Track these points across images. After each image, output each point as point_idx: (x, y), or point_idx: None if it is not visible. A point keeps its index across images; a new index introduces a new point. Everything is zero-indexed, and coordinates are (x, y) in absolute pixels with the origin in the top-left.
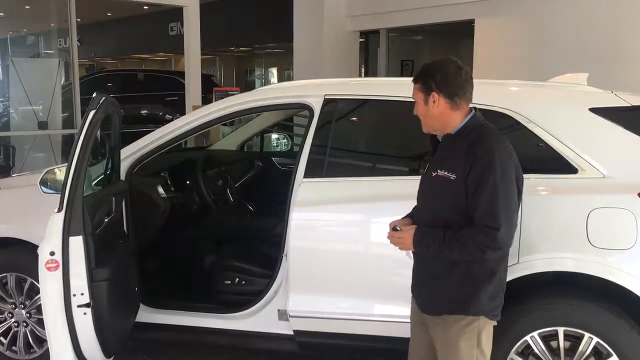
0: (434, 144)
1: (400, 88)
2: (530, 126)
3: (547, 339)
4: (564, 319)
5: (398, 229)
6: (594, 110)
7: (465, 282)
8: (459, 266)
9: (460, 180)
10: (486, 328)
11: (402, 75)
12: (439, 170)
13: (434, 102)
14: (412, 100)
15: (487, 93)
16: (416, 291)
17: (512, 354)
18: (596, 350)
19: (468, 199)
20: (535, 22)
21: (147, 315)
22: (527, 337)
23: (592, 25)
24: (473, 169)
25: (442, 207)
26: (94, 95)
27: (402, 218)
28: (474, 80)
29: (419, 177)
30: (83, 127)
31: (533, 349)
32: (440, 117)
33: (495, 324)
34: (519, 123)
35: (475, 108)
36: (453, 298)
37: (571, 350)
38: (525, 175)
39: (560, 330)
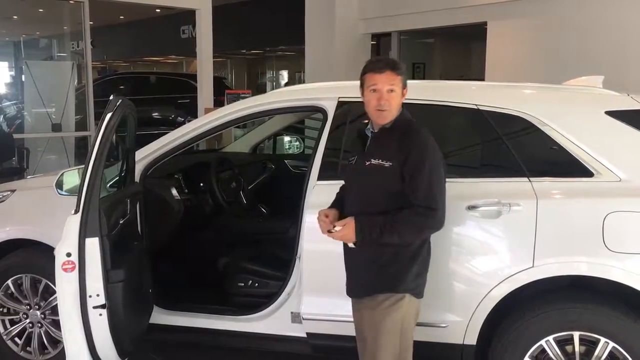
0: (362, 138)
1: (415, 90)
2: (545, 129)
3: (562, 343)
4: (579, 323)
5: (337, 229)
6: (610, 113)
7: (393, 263)
8: (387, 250)
9: (396, 167)
10: (411, 305)
11: (413, 78)
12: (372, 160)
13: (403, 94)
14: (423, 102)
15: (501, 96)
16: (351, 278)
17: (526, 358)
18: (612, 356)
19: (404, 184)
20: (549, 24)
21: (160, 316)
22: (542, 342)
23: (606, 28)
24: (410, 157)
25: (375, 193)
26: (111, 97)
27: (329, 209)
28: (488, 83)
29: None
30: (100, 129)
31: (548, 354)
32: (399, 107)
33: (418, 301)
34: (533, 126)
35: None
36: (384, 278)
37: (587, 355)
38: (540, 179)
39: (576, 335)
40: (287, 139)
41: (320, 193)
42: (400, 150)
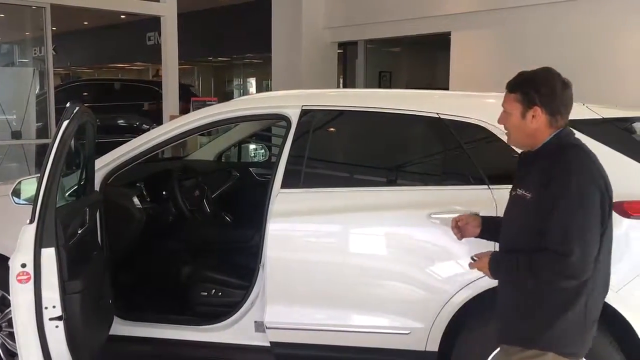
0: (521, 159)
1: (378, 99)
2: (505, 137)
3: None
4: None
5: (475, 259)
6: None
7: (533, 313)
8: (530, 295)
9: (534, 200)
10: None
11: (380, 87)
12: (518, 189)
13: (533, 117)
14: (388, 111)
15: (462, 105)
16: (496, 317)
17: None
18: None
19: (542, 222)
20: (510, 35)
21: (121, 327)
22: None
23: (565, 39)
24: (548, 190)
25: (518, 227)
26: (68, 105)
27: (468, 215)
28: (450, 92)
29: (395, 188)
30: (56, 137)
31: None
32: (534, 133)
33: None
34: (494, 135)
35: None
36: (519, 328)
37: None
38: (499, 186)
39: None
40: (252, 146)
41: (284, 201)
42: (541, 181)
